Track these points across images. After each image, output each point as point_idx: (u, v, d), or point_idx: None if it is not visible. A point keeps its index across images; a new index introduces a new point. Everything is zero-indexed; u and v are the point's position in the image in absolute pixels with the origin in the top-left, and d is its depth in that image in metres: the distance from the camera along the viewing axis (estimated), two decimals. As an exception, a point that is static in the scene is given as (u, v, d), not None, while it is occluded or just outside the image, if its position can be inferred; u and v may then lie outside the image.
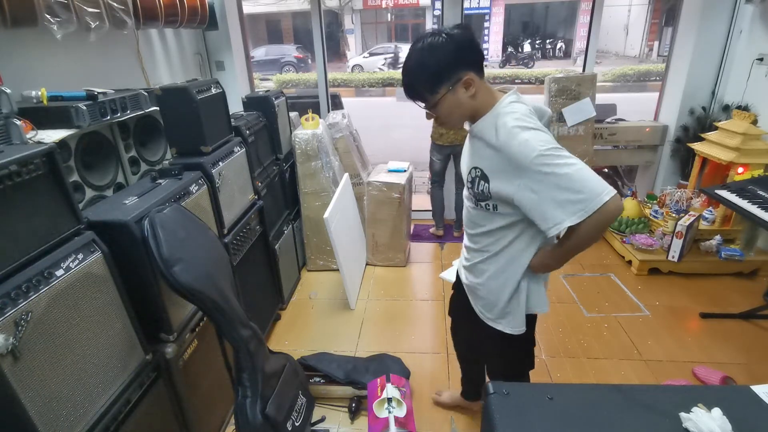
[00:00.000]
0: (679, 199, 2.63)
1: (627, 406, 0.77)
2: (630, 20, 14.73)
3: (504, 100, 0.96)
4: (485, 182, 0.97)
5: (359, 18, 16.00)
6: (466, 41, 0.91)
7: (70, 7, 1.43)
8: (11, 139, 1.17)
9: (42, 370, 0.84)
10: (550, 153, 0.85)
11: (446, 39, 0.90)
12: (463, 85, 0.92)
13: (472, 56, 0.93)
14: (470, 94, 0.93)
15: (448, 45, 0.90)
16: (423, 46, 0.92)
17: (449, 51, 0.90)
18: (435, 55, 0.91)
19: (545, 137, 0.88)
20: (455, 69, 0.91)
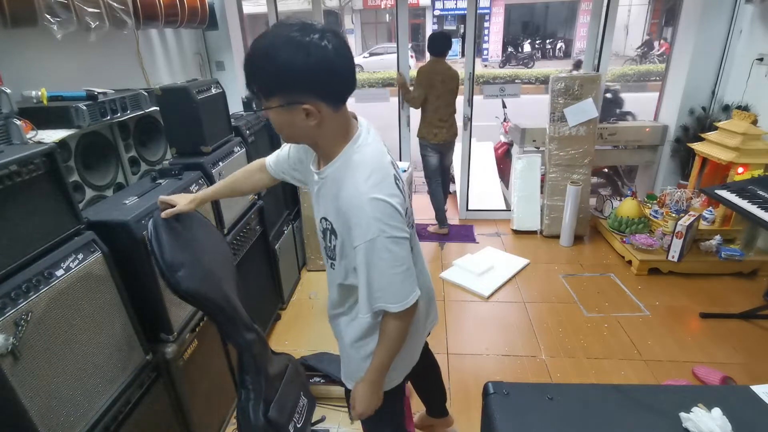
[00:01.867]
0: (679, 199, 2.63)
1: (627, 405, 0.77)
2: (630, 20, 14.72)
3: (356, 137, 0.80)
4: (335, 238, 0.83)
5: (359, 18, 16.00)
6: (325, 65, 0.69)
7: (70, 7, 1.43)
8: (11, 139, 1.17)
9: (42, 370, 0.84)
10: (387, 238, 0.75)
11: (318, 48, 0.68)
12: (303, 111, 0.73)
13: (328, 86, 0.72)
14: (311, 123, 0.74)
15: (307, 58, 0.68)
16: (282, 39, 0.68)
17: (307, 63, 0.68)
18: (291, 57, 0.67)
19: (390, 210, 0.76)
20: (298, 90, 0.71)
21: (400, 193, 0.80)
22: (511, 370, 1.86)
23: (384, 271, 0.77)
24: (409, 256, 0.81)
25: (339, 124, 0.79)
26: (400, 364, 0.97)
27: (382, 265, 0.77)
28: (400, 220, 0.78)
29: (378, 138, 0.85)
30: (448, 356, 1.95)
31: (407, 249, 0.80)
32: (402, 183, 0.84)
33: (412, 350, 1.01)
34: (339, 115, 0.78)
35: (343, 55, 0.71)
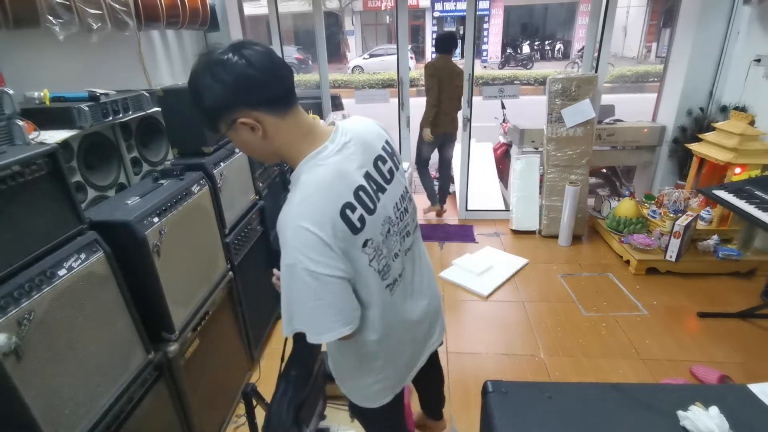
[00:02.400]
0: (676, 200, 2.65)
1: (625, 404, 0.78)
2: (628, 21, 14.77)
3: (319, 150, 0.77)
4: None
5: (359, 19, 16.02)
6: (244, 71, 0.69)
7: (72, 8, 1.44)
8: (14, 139, 1.17)
9: (44, 369, 0.85)
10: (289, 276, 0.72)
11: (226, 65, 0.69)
12: (243, 125, 0.73)
13: (251, 94, 0.71)
14: (259, 135, 0.74)
15: (220, 76, 0.69)
16: (196, 72, 0.72)
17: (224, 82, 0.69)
18: (208, 85, 0.70)
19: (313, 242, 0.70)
20: (229, 109, 0.72)
21: (342, 224, 0.72)
22: (510, 369, 1.87)
23: (300, 299, 0.73)
24: (337, 293, 0.73)
25: (292, 133, 0.76)
26: (384, 384, 0.95)
27: (299, 293, 0.72)
28: (325, 254, 0.70)
29: (352, 151, 0.78)
30: (447, 355, 1.96)
31: (332, 286, 0.72)
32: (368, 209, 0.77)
33: (398, 373, 0.97)
34: (288, 122, 0.75)
35: (255, 60, 0.70)
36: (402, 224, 0.88)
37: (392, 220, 0.84)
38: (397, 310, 0.90)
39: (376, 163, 0.83)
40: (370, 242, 0.78)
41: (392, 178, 0.85)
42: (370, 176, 0.80)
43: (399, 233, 0.87)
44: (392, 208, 0.84)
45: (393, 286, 0.87)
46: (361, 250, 0.77)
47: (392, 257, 0.85)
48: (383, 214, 0.81)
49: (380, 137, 0.87)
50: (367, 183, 0.79)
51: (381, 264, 0.82)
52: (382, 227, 0.81)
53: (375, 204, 0.79)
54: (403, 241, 0.89)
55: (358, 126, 0.85)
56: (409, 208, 0.91)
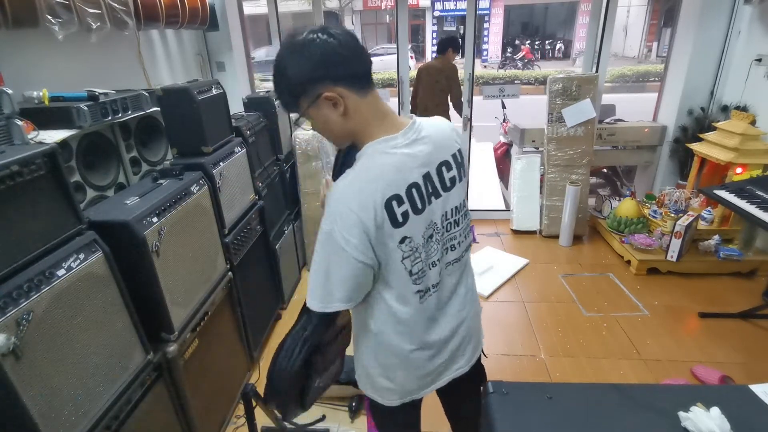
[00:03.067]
0: (677, 199, 2.64)
1: (626, 405, 0.77)
2: (629, 21, 14.75)
3: (390, 137, 0.77)
4: None
5: (359, 19, 16.01)
6: (331, 47, 0.72)
7: (72, 7, 1.43)
8: (13, 139, 1.17)
9: (43, 370, 0.85)
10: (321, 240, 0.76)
11: (313, 42, 0.72)
12: (326, 100, 0.74)
13: (336, 69, 0.73)
14: (340, 111, 0.75)
15: (307, 53, 0.72)
16: (283, 50, 0.76)
17: (311, 57, 0.72)
18: (295, 61, 0.74)
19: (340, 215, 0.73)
20: (312, 84, 0.74)
21: (384, 213, 0.74)
22: (511, 370, 1.87)
23: (320, 262, 0.77)
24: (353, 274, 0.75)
25: (369, 113, 0.78)
26: (392, 384, 0.94)
27: (319, 257, 0.77)
28: (357, 236, 0.72)
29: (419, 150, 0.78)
30: (447, 356, 1.96)
31: (351, 266, 0.74)
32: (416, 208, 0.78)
33: (409, 381, 0.93)
34: (366, 102, 0.77)
35: (342, 39, 0.73)
36: (448, 235, 0.86)
37: (437, 227, 0.83)
38: (423, 320, 0.87)
39: (440, 168, 0.82)
40: (408, 240, 0.78)
41: (452, 187, 0.84)
42: (429, 177, 0.80)
43: (442, 243, 0.85)
44: (440, 215, 0.83)
45: (425, 294, 0.85)
46: (397, 244, 0.77)
47: (429, 264, 0.83)
48: (429, 217, 0.81)
49: (452, 144, 0.85)
50: (424, 183, 0.79)
51: (416, 267, 0.81)
52: (425, 230, 0.81)
53: (425, 205, 0.79)
54: (446, 253, 0.86)
55: (435, 127, 0.84)
56: (460, 223, 0.87)
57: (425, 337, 0.89)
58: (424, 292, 0.84)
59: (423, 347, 0.90)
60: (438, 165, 0.82)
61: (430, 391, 0.98)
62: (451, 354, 0.94)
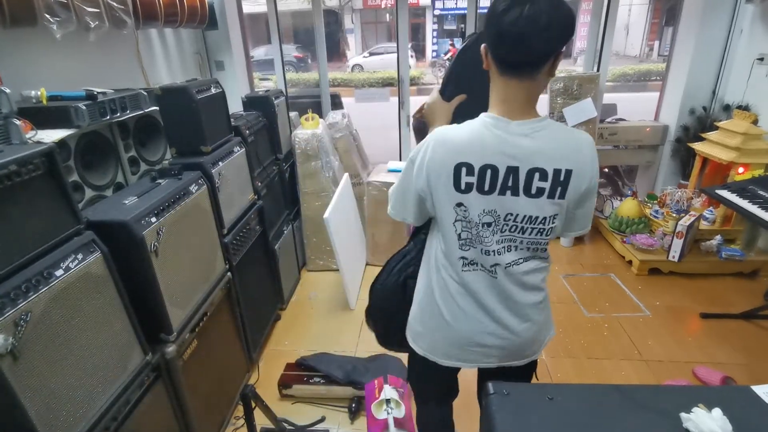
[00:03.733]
0: (679, 199, 2.63)
1: (627, 406, 0.77)
2: (630, 20, 14.72)
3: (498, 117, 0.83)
4: None
5: (359, 18, 16.00)
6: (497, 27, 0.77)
7: (70, 6, 1.43)
8: (11, 139, 1.17)
9: (41, 371, 0.84)
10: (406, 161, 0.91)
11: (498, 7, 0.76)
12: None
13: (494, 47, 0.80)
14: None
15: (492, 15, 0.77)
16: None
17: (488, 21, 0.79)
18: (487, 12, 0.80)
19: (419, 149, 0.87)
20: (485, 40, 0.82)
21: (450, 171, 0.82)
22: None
23: (400, 178, 0.93)
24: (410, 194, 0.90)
25: (501, 91, 0.82)
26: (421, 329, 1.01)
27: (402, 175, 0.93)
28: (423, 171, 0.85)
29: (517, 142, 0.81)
30: (448, 356, 1.95)
31: (412, 190, 0.89)
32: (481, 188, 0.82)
33: (435, 341, 1.00)
34: (504, 85, 0.81)
35: (514, 16, 0.72)
36: (508, 235, 0.87)
37: (498, 220, 0.85)
38: (458, 292, 0.93)
39: (531, 172, 0.81)
40: (463, 208, 0.85)
41: (534, 195, 0.82)
42: (511, 171, 0.81)
43: (499, 237, 0.87)
44: (507, 213, 0.84)
45: (467, 265, 0.90)
46: (453, 206, 0.85)
47: (480, 247, 0.87)
48: (494, 205, 0.84)
49: (564, 161, 0.81)
50: (503, 172, 0.81)
51: (464, 234, 0.87)
52: (484, 213, 0.84)
53: (493, 191, 0.83)
54: (501, 252, 0.88)
55: (559, 137, 0.83)
56: (527, 234, 0.86)
57: (459, 309, 0.94)
58: (467, 262, 0.90)
59: (454, 317, 0.95)
60: (531, 168, 0.81)
61: (451, 364, 1.00)
62: (480, 345, 0.96)
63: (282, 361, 1.86)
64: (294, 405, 1.71)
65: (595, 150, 0.86)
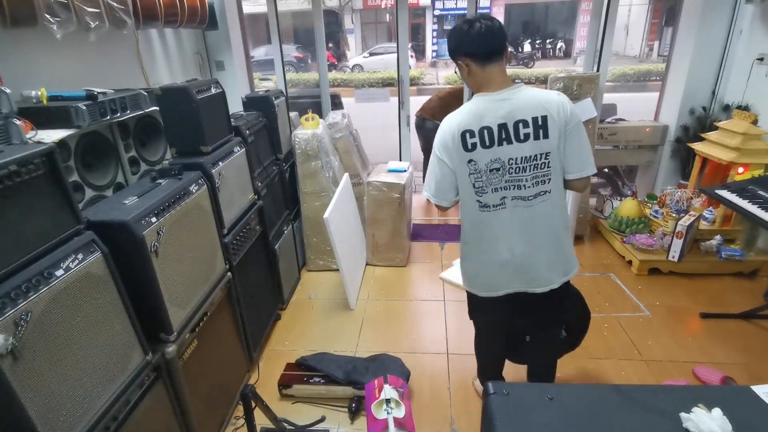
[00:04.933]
0: (679, 199, 2.63)
1: (627, 406, 0.77)
2: (630, 20, 14.72)
3: (483, 94, 1.18)
4: None
5: (359, 18, 15.99)
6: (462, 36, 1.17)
7: (70, 6, 1.43)
8: (11, 139, 1.17)
9: (41, 371, 0.84)
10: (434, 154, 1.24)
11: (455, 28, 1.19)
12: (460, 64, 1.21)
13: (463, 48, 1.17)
14: (465, 74, 1.20)
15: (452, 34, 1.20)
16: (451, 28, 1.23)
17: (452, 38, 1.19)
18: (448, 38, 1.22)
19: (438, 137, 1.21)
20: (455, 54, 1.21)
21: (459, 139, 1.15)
22: (512, 370, 1.86)
23: (429, 168, 1.27)
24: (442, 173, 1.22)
25: (482, 78, 1.17)
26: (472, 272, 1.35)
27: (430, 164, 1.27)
28: (445, 148, 1.18)
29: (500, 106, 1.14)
30: (448, 356, 1.95)
31: (440, 167, 1.21)
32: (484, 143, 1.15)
33: (483, 277, 1.32)
34: (484, 72, 1.16)
35: (475, 28, 1.12)
36: (515, 175, 1.16)
37: (503, 165, 1.16)
38: (486, 231, 1.24)
39: (516, 123, 1.13)
40: (473, 163, 1.17)
41: (524, 140, 1.13)
42: (503, 127, 1.14)
43: (507, 177, 1.17)
44: (508, 157, 1.15)
45: (483, 208, 1.21)
46: (466, 163, 1.18)
47: (491, 188, 1.18)
48: (497, 155, 1.15)
49: (538, 110, 1.13)
50: (497, 129, 1.14)
51: (478, 183, 1.19)
52: (490, 162, 1.16)
53: (493, 144, 1.14)
54: (511, 189, 1.18)
55: (530, 95, 1.15)
56: (528, 170, 1.15)
57: (488, 246, 1.26)
58: (483, 206, 1.21)
59: (488, 253, 1.26)
60: (516, 121, 1.13)
61: (502, 293, 1.30)
62: (515, 269, 1.25)
63: (282, 361, 1.86)
64: (294, 405, 1.71)
65: (565, 98, 1.16)
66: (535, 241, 1.21)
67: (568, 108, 1.15)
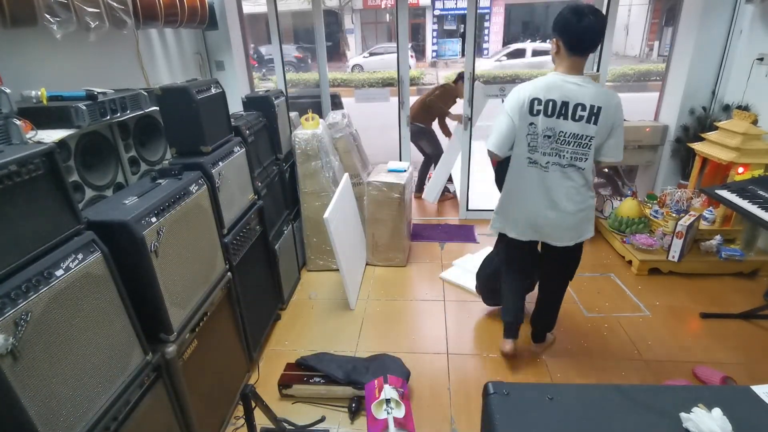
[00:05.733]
0: (679, 199, 2.63)
1: (627, 406, 0.77)
2: (630, 20, 14.72)
3: (558, 72, 1.48)
4: None
5: (359, 18, 15.99)
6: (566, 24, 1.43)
7: (70, 6, 1.43)
8: (11, 139, 1.17)
9: (41, 371, 0.84)
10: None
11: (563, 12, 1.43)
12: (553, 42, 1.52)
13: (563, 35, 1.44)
14: (554, 51, 1.48)
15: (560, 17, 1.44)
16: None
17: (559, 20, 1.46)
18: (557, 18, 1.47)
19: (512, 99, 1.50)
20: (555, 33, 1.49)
21: (528, 103, 1.45)
22: (512, 371, 1.86)
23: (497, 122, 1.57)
24: (506, 127, 1.52)
25: (565, 61, 1.45)
26: (504, 215, 1.70)
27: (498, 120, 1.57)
28: (514, 106, 1.49)
29: (569, 88, 1.42)
30: (448, 356, 1.95)
31: (505, 122, 1.52)
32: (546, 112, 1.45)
33: (514, 220, 1.65)
34: (569, 58, 1.43)
35: (582, 23, 1.36)
36: (557, 145, 1.47)
37: (553, 134, 1.46)
38: (526, 185, 1.55)
39: (576, 105, 1.42)
40: (533, 125, 1.48)
41: (578, 120, 1.43)
42: (565, 104, 1.43)
43: (554, 146, 1.47)
44: (559, 130, 1.45)
45: (531, 164, 1.52)
46: (527, 125, 1.48)
47: (540, 148, 1.49)
48: (552, 125, 1.45)
49: (596, 101, 1.41)
50: (560, 104, 1.43)
51: (532, 142, 1.50)
52: (546, 129, 1.46)
53: (552, 116, 1.44)
54: (551, 153, 1.48)
55: (593, 87, 1.42)
56: (571, 145, 1.45)
57: (524, 195, 1.57)
58: (531, 162, 1.52)
59: (523, 199, 1.58)
60: (576, 103, 1.42)
61: (525, 237, 1.65)
62: (535, 220, 1.58)
63: (282, 361, 1.86)
64: (294, 405, 1.71)
65: (621, 103, 1.44)
66: (561, 204, 1.52)
67: (621, 110, 1.44)
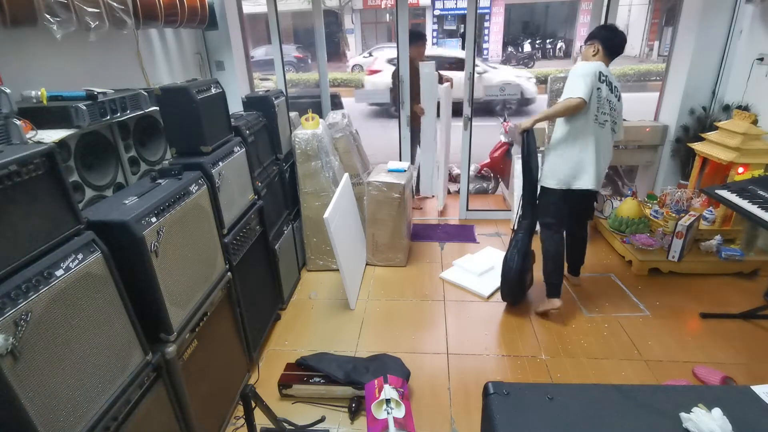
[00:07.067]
0: (679, 199, 2.63)
1: (627, 406, 0.77)
2: (630, 20, 14.72)
3: (600, 63, 1.94)
4: None
5: (359, 18, 15.99)
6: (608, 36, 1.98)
7: (70, 6, 1.43)
8: (11, 139, 1.17)
9: (41, 371, 0.84)
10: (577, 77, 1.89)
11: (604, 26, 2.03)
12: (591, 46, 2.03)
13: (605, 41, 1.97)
14: (592, 53, 1.99)
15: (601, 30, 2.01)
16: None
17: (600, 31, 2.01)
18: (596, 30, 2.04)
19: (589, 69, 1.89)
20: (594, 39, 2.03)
21: (598, 73, 1.89)
22: (512, 371, 1.86)
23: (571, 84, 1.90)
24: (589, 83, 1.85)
25: (601, 60, 1.95)
26: (554, 172, 2.04)
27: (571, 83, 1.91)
28: (588, 76, 1.86)
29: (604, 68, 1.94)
30: (448, 356, 1.95)
31: (588, 81, 1.85)
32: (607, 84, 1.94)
33: (562, 173, 2.01)
34: (603, 59, 1.96)
35: (618, 38, 1.95)
36: (606, 109, 1.94)
37: (607, 103, 1.94)
38: (594, 137, 1.94)
39: (614, 85, 1.97)
40: (599, 90, 1.90)
41: (615, 95, 1.98)
42: (610, 82, 1.95)
43: (604, 109, 1.93)
44: (608, 99, 1.94)
45: (595, 121, 1.93)
46: (596, 89, 1.88)
47: (602, 109, 1.93)
48: (606, 94, 1.93)
49: (619, 85, 2.00)
50: (608, 81, 1.93)
51: (598, 103, 1.92)
52: (604, 97, 1.92)
53: (608, 86, 1.93)
54: (608, 113, 1.95)
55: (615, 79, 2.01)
56: (613, 109, 1.98)
57: (595, 146, 1.94)
58: (595, 119, 1.93)
59: (582, 150, 1.96)
60: (612, 83, 1.96)
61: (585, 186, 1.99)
62: (601, 167, 2.01)
63: (282, 361, 1.86)
64: (294, 405, 1.71)
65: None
66: (608, 155, 2.03)
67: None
